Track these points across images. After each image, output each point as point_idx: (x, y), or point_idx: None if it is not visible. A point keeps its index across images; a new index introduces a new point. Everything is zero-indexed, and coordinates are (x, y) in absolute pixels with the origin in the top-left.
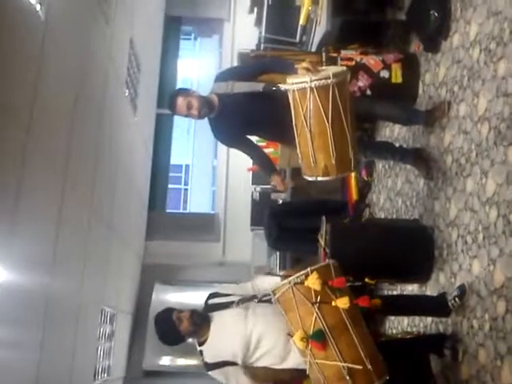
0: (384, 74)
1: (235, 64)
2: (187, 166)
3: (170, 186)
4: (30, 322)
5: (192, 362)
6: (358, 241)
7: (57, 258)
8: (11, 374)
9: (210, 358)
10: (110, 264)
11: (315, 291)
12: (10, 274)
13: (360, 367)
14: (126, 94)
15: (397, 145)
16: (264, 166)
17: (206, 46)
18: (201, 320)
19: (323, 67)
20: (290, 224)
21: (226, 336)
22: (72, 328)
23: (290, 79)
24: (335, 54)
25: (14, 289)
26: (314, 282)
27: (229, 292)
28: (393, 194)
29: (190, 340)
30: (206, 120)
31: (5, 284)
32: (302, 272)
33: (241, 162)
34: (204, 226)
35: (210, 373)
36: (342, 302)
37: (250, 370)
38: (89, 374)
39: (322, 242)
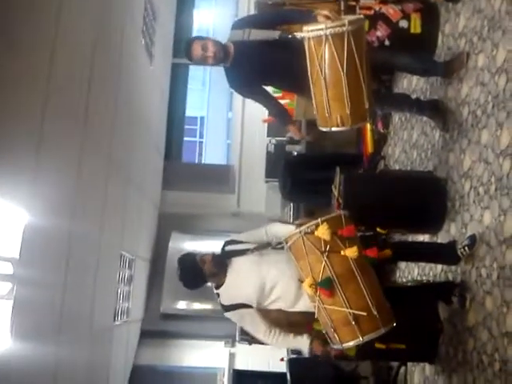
0: (403, 23)
1: (252, 13)
2: (202, 119)
3: (185, 138)
4: (54, 263)
5: (207, 306)
6: (371, 191)
7: (77, 204)
8: (37, 313)
9: (226, 300)
10: (128, 211)
11: (325, 241)
12: (33, 217)
13: (365, 314)
14: (142, 42)
15: (414, 96)
16: (280, 116)
17: None
18: (221, 263)
19: (342, 16)
20: (305, 176)
21: (242, 280)
22: (93, 270)
23: (306, 27)
24: (354, 3)
25: (38, 231)
26: (323, 232)
27: (244, 239)
28: (408, 146)
29: (209, 284)
30: (221, 72)
31: (29, 226)
32: (312, 222)
33: (256, 114)
34: (219, 177)
35: (226, 314)
36: (351, 252)
37: (263, 312)
38: (109, 315)
39: (336, 193)
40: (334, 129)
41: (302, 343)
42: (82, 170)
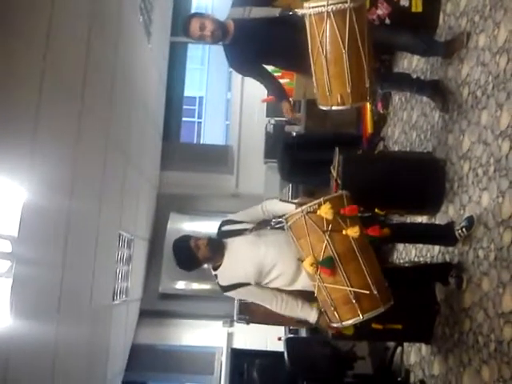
0: (404, 2)
1: None
2: (201, 99)
3: (183, 119)
4: (53, 242)
5: (205, 286)
6: (369, 172)
7: (75, 183)
8: (36, 291)
9: (224, 281)
10: (127, 191)
11: (327, 220)
12: (31, 196)
13: (366, 292)
14: (140, 20)
15: (414, 76)
16: (277, 94)
17: None
18: (216, 246)
19: None
20: (304, 156)
21: (240, 261)
22: (92, 250)
23: (307, 3)
24: None
25: (37, 209)
26: (326, 211)
27: (240, 218)
28: (408, 127)
29: (206, 266)
30: (220, 51)
31: (27, 204)
32: (314, 201)
33: (255, 94)
34: (218, 157)
35: (226, 293)
36: (353, 231)
37: (262, 287)
38: (108, 294)
39: (334, 173)
40: (334, 107)
41: (311, 315)
42: (80, 148)
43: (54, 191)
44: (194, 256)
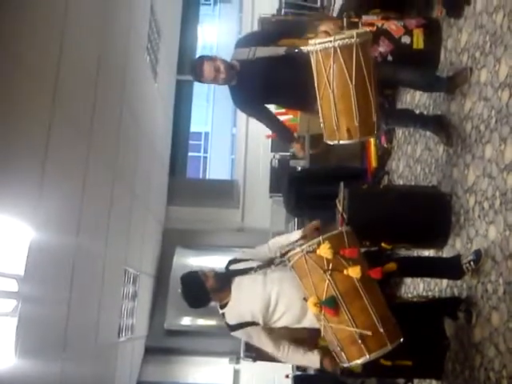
0: (405, 39)
1: (256, 29)
2: (206, 134)
3: (189, 153)
4: (59, 280)
5: (211, 322)
6: (375, 206)
7: (82, 220)
8: (41, 330)
9: (231, 319)
10: (133, 227)
11: (327, 259)
12: (38, 234)
13: (370, 333)
14: (147, 60)
15: (417, 112)
16: (282, 135)
17: (226, 11)
18: (223, 279)
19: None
20: (309, 191)
21: (246, 298)
22: (97, 287)
23: (313, 40)
24: (356, 20)
25: (43, 248)
26: (325, 251)
27: (247, 257)
28: (412, 161)
29: (213, 303)
30: (225, 88)
31: (34, 243)
32: (314, 240)
33: (260, 130)
34: (224, 192)
35: (232, 333)
36: (354, 272)
37: (268, 329)
38: (114, 331)
39: (340, 208)
40: (342, 142)
41: (313, 360)
42: (87, 186)
43: (61, 229)
44: (202, 285)
